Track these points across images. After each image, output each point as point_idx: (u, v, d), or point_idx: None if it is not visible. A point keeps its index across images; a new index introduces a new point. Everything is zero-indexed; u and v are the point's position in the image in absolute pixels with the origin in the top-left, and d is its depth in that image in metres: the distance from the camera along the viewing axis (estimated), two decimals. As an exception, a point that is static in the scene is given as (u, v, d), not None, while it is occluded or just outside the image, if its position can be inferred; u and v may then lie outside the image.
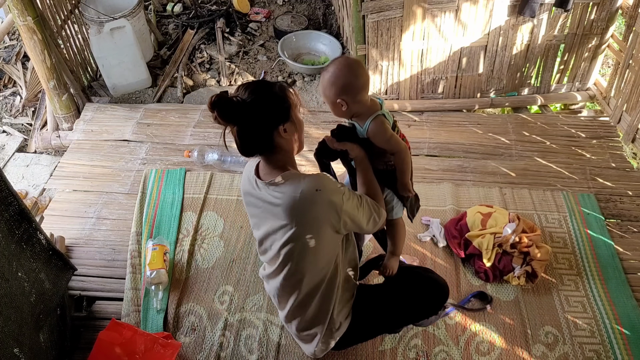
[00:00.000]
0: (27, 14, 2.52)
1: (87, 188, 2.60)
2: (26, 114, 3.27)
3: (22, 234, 1.72)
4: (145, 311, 2.05)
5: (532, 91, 3.14)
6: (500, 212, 2.26)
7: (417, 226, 2.36)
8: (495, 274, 2.13)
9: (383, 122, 1.57)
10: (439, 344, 1.97)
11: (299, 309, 1.63)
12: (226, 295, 2.12)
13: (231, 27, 3.71)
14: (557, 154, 2.75)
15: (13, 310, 1.58)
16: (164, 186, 2.53)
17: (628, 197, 2.52)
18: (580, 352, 1.95)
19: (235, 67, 3.44)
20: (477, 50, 2.93)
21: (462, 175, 2.63)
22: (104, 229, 2.40)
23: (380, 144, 1.60)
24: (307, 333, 1.70)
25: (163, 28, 3.78)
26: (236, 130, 1.41)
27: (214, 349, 1.96)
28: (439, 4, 2.74)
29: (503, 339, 1.98)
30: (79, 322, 2.06)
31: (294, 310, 1.64)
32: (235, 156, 2.65)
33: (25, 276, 1.70)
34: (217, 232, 2.35)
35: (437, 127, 2.92)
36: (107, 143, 2.84)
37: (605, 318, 2.04)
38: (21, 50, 3.54)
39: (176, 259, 2.23)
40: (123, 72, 3.15)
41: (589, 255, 2.25)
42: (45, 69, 2.72)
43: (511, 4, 2.76)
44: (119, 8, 3.20)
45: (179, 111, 3.03)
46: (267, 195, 1.48)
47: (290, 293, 1.61)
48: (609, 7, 2.82)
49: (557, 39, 2.94)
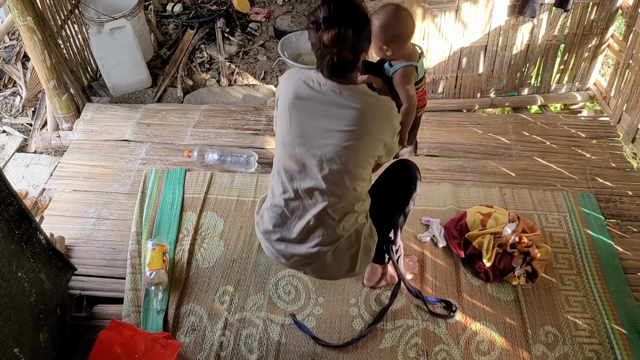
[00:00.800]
0: (27, 14, 2.52)
1: (87, 188, 2.60)
2: (26, 114, 3.27)
3: (22, 234, 1.72)
4: (146, 312, 2.05)
5: (532, 91, 3.14)
6: (500, 212, 2.26)
7: (417, 226, 2.37)
8: (495, 274, 2.14)
9: (409, 73, 1.72)
10: (439, 343, 1.97)
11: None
12: (226, 295, 2.12)
13: (231, 27, 3.71)
14: (557, 154, 2.75)
15: (13, 310, 1.58)
16: (164, 186, 2.53)
17: (628, 197, 2.52)
18: (580, 352, 1.95)
19: (235, 67, 3.44)
20: (477, 50, 2.93)
21: (462, 175, 2.63)
22: (104, 229, 2.40)
23: (397, 89, 1.74)
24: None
25: (163, 28, 3.78)
26: (336, 39, 1.39)
27: (214, 349, 1.96)
28: (439, 4, 2.74)
29: (503, 338, 1.99)
30: (79, 322, 2.06)
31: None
32: (235, 156, 2.65)
33: (25, 276, 1.70)
34: (217, 232, 2.35)
35: (437, 127, 2.92)
36: (107, 143, 2.84)
37: (605, 318, 2.04)
38: (21, 50, 3.54)
39: (176, 259, 2.23)
40: (123, 72, 3.15)
41: (589, 255, 2.25)
42: (45, 69, 2.72)
43: (511, 4, 2.76)
44: (119, 8, 3.20)
45: (179, 111, 3.03)
46: (337, 98, 1.50)
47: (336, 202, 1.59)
48: (609, 7, 2.82)
49: (557, 39, 2.94)
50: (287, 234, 1.66)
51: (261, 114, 3.00)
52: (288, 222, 1.64)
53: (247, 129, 2.90)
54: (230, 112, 3.02)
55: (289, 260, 1.71)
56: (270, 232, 1.69)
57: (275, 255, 1.74)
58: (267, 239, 1.72)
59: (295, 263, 1.71)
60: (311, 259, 1.66)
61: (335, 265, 1.68)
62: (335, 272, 1.72)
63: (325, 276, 1.84)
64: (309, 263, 1.69)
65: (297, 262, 1.70)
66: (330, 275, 1.78)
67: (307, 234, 1.63)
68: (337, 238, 1.62)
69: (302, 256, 1.66)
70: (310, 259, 1.66)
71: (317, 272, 1.74)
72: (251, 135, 2.86)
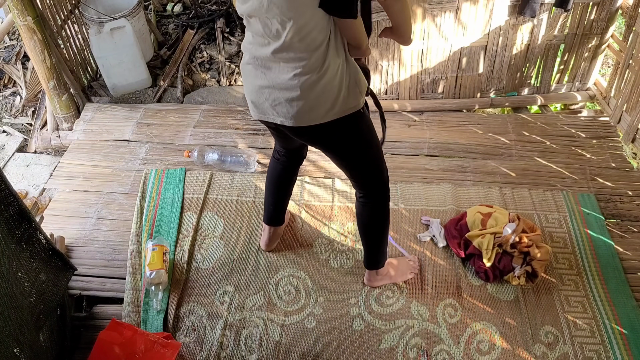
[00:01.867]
0: (27, 14, 2.52)
1: (87, 188, 2.60)
2: (26, 114, 3.27)
3: (22, 234, 1.72)
4: (146, 312, 2.05)
5: (532, 91, 3.14)
6: (500, 212, 2.26)
7: (417, 226, 2.37)
8: (495, 274, 2.14)
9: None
10: (439, 343, 1.97)
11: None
12: (226, 295, 2.12)
13: (231, 27, 3.71)
14: (557, 154, 2.75)
15: (13, 310, 1.58)
16: (164, 186, 2.53)
17: (628, 197, 2.52)
18: (580, 352, 1.95)
19: (235, 67, 3.44)
20: (477, 50, 2.93)
21: (462, 175, 2.63)
22: (104, 229, 2.40)
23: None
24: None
25: (163, 28, 3.78)
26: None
27: (214, 349, 1.96)
28: (439, 4, 2.74)
29: (503, 338, 1.99)
30: (79, 322, 2.06)
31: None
32: (235, 156, 2.65)
33: (25, 276, 1.70)
34: (217, 232, 2.35)
35: (437, 127, 2.92)
36: (107, 143, 2.84)
37: (605, 318, 2.04)
38: (21, 50, 3.54)
39: (176, 259, 2.23)
40: (123, 72, 3.15)
41: (589, 255, 2.25)
42: (45, 69, 2.72)
43: (511, 4, 2.76)
44: (119, 8, 3.20)
45: (179, 111, 3.03)
46: None
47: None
48: (609, 7, 2.82)
49: (557, 39, 2.94)
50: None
51: (261, 114, 3.00)
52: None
53: (247, 129, 2.90)
54: (230, 112, 3.02)
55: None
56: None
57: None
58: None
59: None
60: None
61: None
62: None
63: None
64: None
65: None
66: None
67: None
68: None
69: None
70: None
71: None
72: (251, 135, 2.86)
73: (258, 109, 1.65)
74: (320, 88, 1.51)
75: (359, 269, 2.19)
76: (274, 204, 2.15)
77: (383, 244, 1.99)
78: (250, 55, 1.56)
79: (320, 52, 1.46)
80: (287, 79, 1.50)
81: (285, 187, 2.13)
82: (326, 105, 1.54)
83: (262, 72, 1.55)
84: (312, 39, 1.42)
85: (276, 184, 2.10)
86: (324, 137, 1.67)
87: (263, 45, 1.49)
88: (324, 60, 1.48)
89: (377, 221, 1.92)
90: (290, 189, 2.16)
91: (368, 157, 1.77)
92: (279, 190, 2.13)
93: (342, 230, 2.35)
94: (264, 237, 2.25)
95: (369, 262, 2.06)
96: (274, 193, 2.13)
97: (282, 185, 2.12)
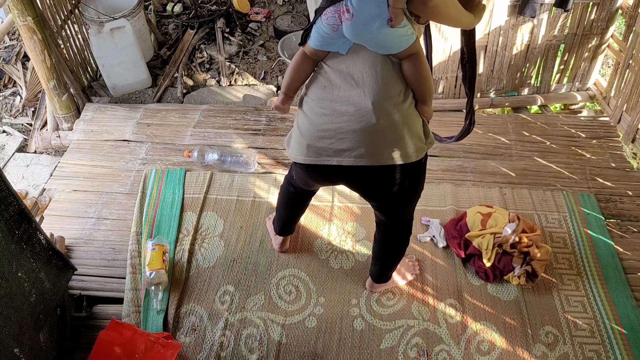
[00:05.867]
0: (27, 14, 2.52)
1: (87, 188, 2.60)
2: (26, 114, 3.27)
3: (22, 234, 1.72)
4: (146, 312, 2.05)
5: (532, 91, 3.14)
6: (500, 212, 2.26)
7: (417, 226, 2.36)
8: (495, 274, 2.14)
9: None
10: (439, 343, 1.97)
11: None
12: (227, 295, 2.12)
13: (231, 27, 3.71)
14: (557, 154, 2.75)
15: (13, 310, 1.58)
16: (164, 186, 2.53)
17: (628, 197, 2.52)
18: (580, 352, 1.95)
19: (235, 67, 3.44)
20: (477, 50, 2.92)
21: (462, 176, 2.63)
22: (104, 229, 2.40)
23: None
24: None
25: (163, 28, 3.78)
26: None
27: (214, 349, 1.96)
28: (439, 4, 2.74)
29: (503, 338, 1.99)
30: (79, 322, 2.06)
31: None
32: (235, 156, 2.65)
33: (25, 276, 1.70)
34: (217, 232, 2.35)
35: (437, 127, 2.91)
36: (107, 143, 2.84)
37: (605, 318, 2.05)
38: (21, 50, 3.54)
39: (176, 259, 2.23)
40: (123, 72, 3.15)
41: (589, 255, 2.25)
42: (45, 69, 2.72)
43: (511, 4, 2.76)
44: (119, 8, 3.20)
45: (179, 111, 3.03)
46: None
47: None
48: (609, 7, 2.82)
49: (557, 39, 2.94)
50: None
51: (261, 114, 3.00)
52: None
53: (247, 129, 2.90)
54: (230, 112, 3.02)
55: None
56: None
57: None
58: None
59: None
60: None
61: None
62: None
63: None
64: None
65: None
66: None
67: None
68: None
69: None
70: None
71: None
72: (251, 135, 2.86)
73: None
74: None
75: (360, 269, 2.19)
76: (288, 219, 2.14)
77: (397, 264, 2.00)
78: None
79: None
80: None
81: (300, 207, 2.12)
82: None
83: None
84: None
85: (291, 207, 2.08)
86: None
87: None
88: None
89: (400, 247, 1.90)
90: (305, 207, 2.14)
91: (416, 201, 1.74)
92: (292, 210, 2.11)
93: (342, 230, 2.35)
94: (276, 241, 2.24)
95: (378, 277, 2.05)
96: (288, 210, 2.10)
97: (297, 206, 2.10)
